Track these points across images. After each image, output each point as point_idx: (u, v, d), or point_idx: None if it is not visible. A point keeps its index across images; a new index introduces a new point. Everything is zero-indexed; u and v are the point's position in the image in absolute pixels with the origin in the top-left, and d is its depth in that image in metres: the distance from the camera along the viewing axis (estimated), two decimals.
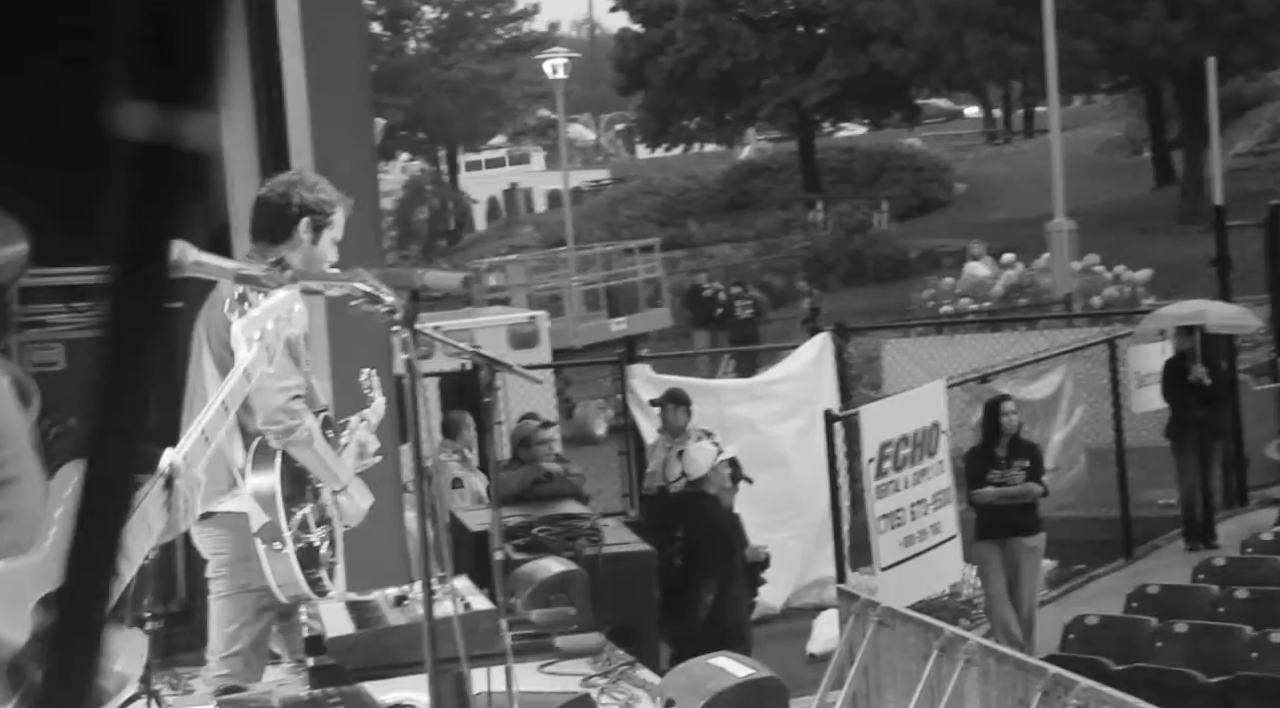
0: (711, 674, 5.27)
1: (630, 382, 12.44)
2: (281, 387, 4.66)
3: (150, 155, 0.71)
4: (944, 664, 6.85)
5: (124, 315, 0.73)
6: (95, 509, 0.74)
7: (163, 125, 0.71)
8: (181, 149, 0.72)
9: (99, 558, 0.74)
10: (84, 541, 0.74)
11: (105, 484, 0.74)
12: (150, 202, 0.72)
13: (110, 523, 0.75)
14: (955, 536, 10.51)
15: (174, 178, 0.72)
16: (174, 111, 0.72)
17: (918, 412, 10.45)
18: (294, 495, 4.76)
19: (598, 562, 8.17)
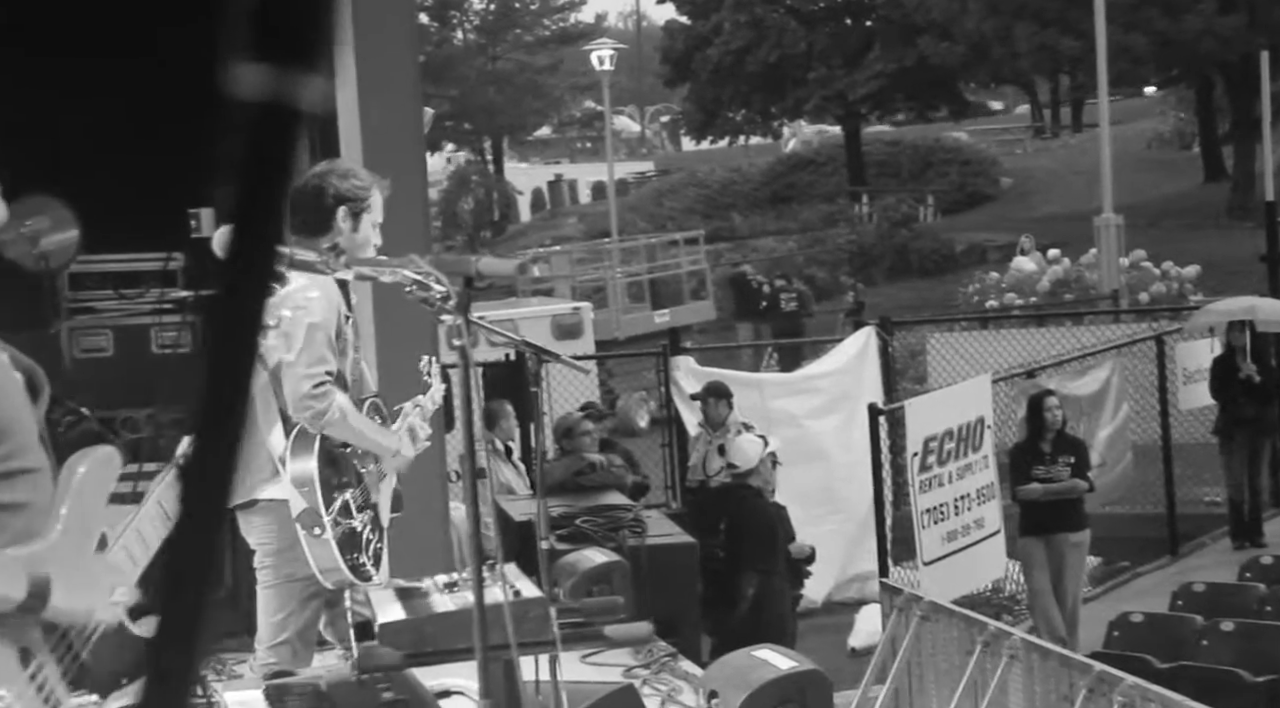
0: (755, 666, 5.26)
1: (673, 373, 12.44)
2: (306, 373, 4.68)
3: (265, 116, 0.72)
4: (988, 660, 6.82)
5: (238, 273, 0.74)
6: (200, 492, 0.74)
7: (277, 86, 0.72)
8: (295, 110, 0.72)
9: (203, 545, 0.75)
10: (188, 527, 0.74)
11: (212, 464, 0.74)
12: (264, 162, 0.73)
13: (213, 508, 0.75)
14: (999, 531, 10.46)
15: (288, 138, 0.73)
16: (288, 73, 0.72)
17: (962, 406, 10.41)
18: (334, 480, 4.77)
19: (640, 553, 8.17)
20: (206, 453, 0.73)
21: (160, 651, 0.77)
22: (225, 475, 0.74)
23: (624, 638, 3.54)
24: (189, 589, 0.76)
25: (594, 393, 14.20)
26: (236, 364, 0.74)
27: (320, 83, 0.73)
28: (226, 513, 0.79)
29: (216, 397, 0.74)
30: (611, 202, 35.26)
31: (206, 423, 0.74)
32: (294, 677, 4.02)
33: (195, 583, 0.76)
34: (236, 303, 0.74)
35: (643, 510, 9.11)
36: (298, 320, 4.72)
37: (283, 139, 0.72)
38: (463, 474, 9.70)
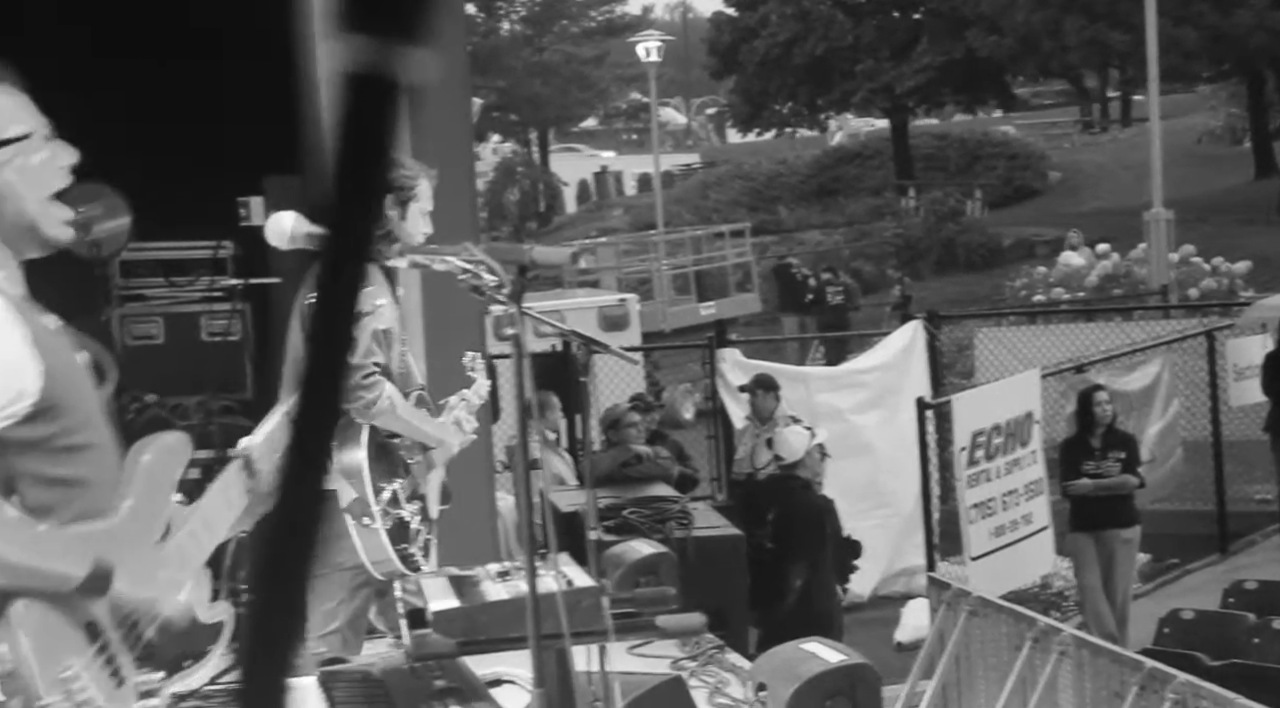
0: (803, 659, 5.24)
1: (720, 366, 12.42)
2: (355, 363, 4.70)
3: (363, 89, 0.71)
4: (1037, 656, 6.78)
5: (338, 245, 0.72)
6: (298, 475, 0.73)
7: (376, 58, 0.71)
8: (395, 82, 0.71)
9: (300, 529, 0.74)
10: (284, 514, 0.73)
11: (311, 442, 0.73)
12: (363, 136, 0.72)
13: (310, 498, 0.74)
14: (1047, 526, 10.40)
15: (386, 112, 0.71)
16: (388, 44, 0.71)
17: (1011, 401, 10.35)
18: (383, 471, 4.78)
19: (687, 545, 8.16)
20: (305, 431, 0.72)
21: (260, 629, 0.76)
22: (323, 453, 0.73)
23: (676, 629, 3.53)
24: (288, 568, 0.74)
25: (640, 385, 14.20)
26: (334, 337, 0.73)
27: (421, 54, 0.72)
28: (324, 493, 0.78)
29: (316, 374, 0.72)
30: (658, 194, 35.24)
31: (305, 404, 0.72)
32: (346, 664, 4.03)
33: (295, 562, 0.74)
34: (334, 277, 0.73)
35: (689, 502, 9.11)
36: (364, 326, 4.75)
37: (381, 112, 0.71)
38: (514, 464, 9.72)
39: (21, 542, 2.49)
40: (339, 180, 0.71)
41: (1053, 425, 11.52)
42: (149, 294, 9.05)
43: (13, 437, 2.53)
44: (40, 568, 2.49)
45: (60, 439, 2.58)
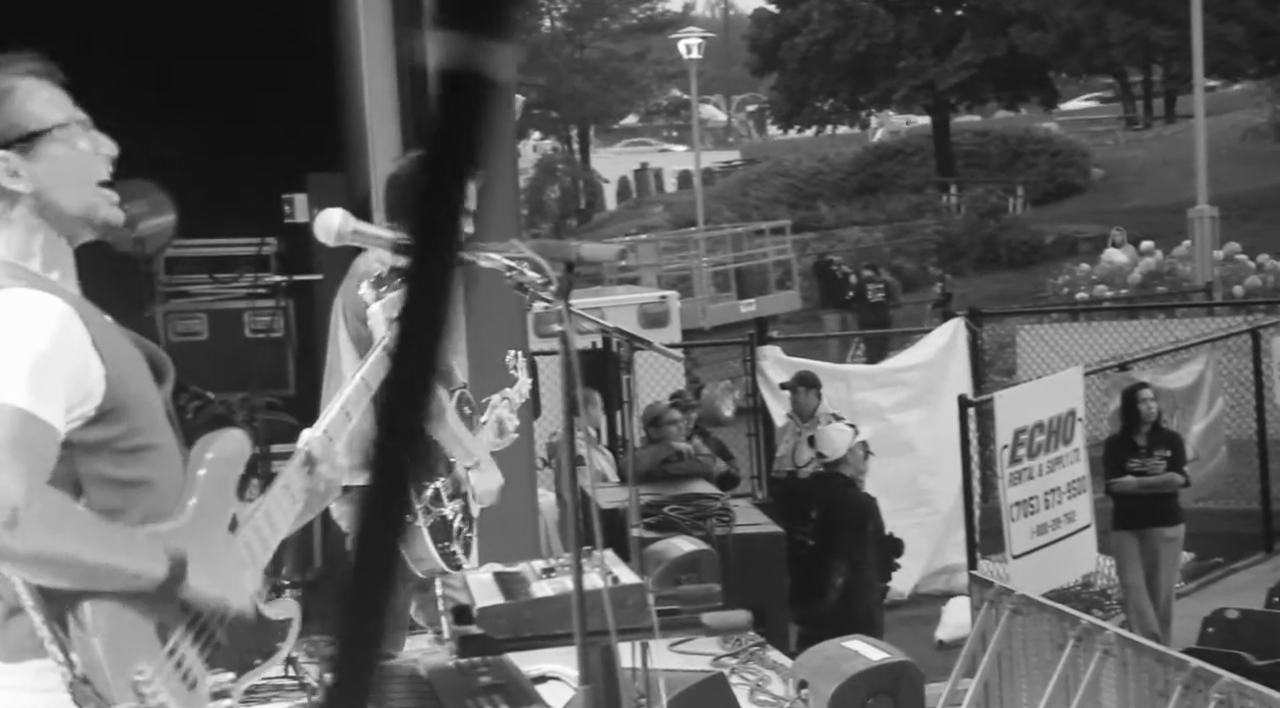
0: (846, 657, 5.24)
1: (760, 363, 12.41)
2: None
3: (456, 84, 0.72)
4: (1080, 655, 6.75)
5: (428, 240, 0.73)
6: (388, 469, 0.74)
7: (469, 54, 0.72)
8: (486, 78, 0.72)
9: (390, 520, 0.74)
10: (374, 506, 0.74)
11: (397, 443, 0.73)
12: (455, 130, 0.73)
13: (399, 489, 0.75)
14: (1090, 525, 10.35)
15: (479, 107, 0.72)
16: (480, 41, 0.72)
17: (1054, 399, 10.30)
18: (429, 470, 4.80)
19: (728, 542, 8.17)
20: (394, 423, 0.73)
21: (348, 628, 0.76)
22: (412, 450, 0.73)
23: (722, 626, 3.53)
24: (377, 564, 0.75)
25: (680, 382, 14.20)
26: (426, 329, 0.73)
27: (510, 50, 0.73)
28: (411, 493, 0.79)
29: (406, 366, 0.73)
30: (698, 191, 35.21)
31: (394, 395, 0.73)
32: (392, 660, 4.05)
33: (383, 559, 0.75)
34: (425, 269, 0.73)
35: (730, 500, 9.11)
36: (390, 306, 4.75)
37: (473, 107, 0.72)
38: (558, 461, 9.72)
39: (98, 540, 2.48)
40: (431, 174, 0.72)
41: (1095, 423, 11.46)
42: (193, 291, 9.09)
43: (79, 439, 2.53)
44: (118, 566, 2.47)
45: (125, 441, 2.58)
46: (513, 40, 0.72)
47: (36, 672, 2.53)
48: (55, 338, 2.51)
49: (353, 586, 0.75)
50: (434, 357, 0.76)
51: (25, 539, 2.38)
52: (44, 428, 2.45)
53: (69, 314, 2.55)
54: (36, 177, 2.68)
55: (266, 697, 6.67)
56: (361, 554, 0.75)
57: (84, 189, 2.76)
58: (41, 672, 2.53)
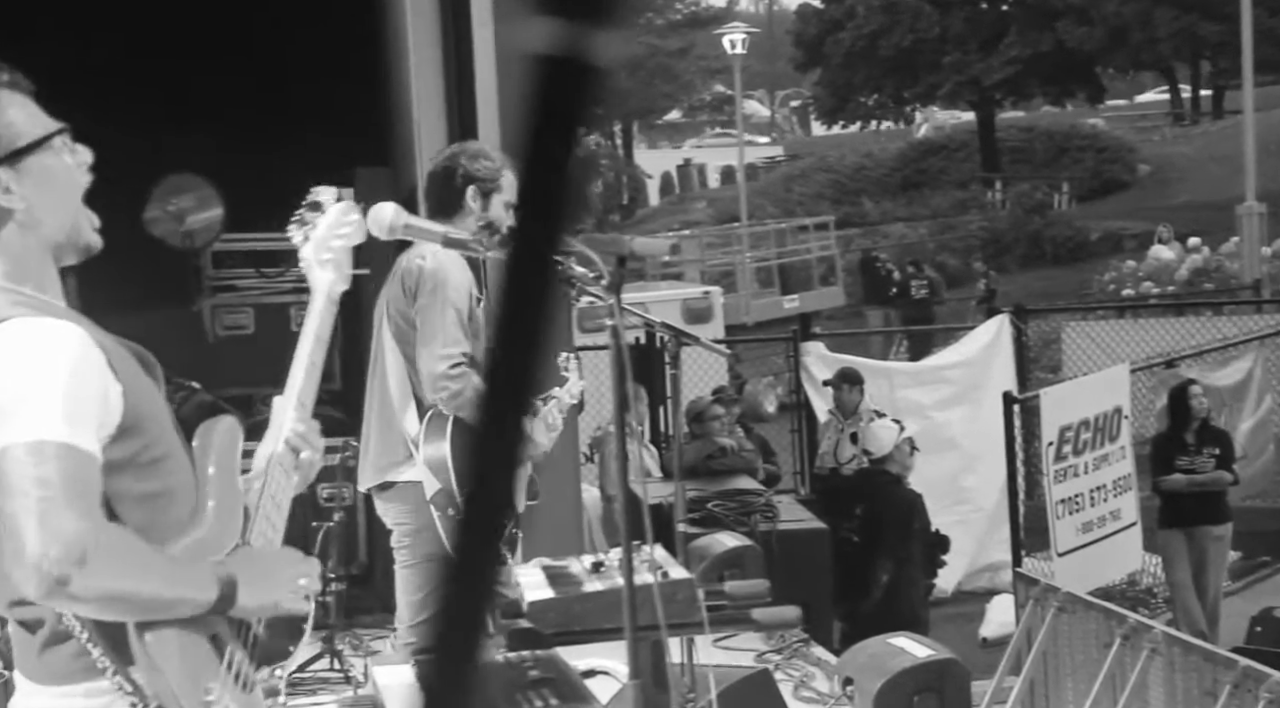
0: (891, 654, 5.23)
1: (804, 359, 12.38)
2: (442, 353, 4.70)
3: (557, 70, 0.72)
4: (1127, 653, 6.70)
5: (529, 230, 0.73)
6: (489, 472, 0.74)
7: (571, 40, 0.71)
8: (588, 64, 0.72)
9: (493, 520, 0.74)
10: (476, 504, 0.74)
11: (498, 448, 0.73)
12: (556, 116, 0.72)
13: (503, 487, 0.74)
14: (1136, 523, 10.28)
15: (580, 93, 0.72)
16: (582, 27, 0.72)
17: (1100, 396, 10.24)
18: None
19: (772, 538, 8.16)
20: (498, 417, 0.73)
21: (451, 612, 0.76)
22: (515, 444, 0.73)
23: (772, 622, 3.53)
24: (478, 550, 0.75)
25: (722, 378, 14.18)
26: (527, 316, 0.73)
27: (614, 35, 0.72)
28: (513, 487, 0.79)
29: (509, 351, 0.73)
30: (741, 186, 35.15)
31: (498, 383, 0.73)
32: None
33: (483, 543, 0.75)
34: (526, 254, 0.73)
35: (773, 495, 9.10)
36: (434, 299, 4.74)
37: (575, 94, 0.72)
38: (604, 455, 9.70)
39: (156, 573, 2.48)
40: (532, 163, 0.72)
41: (1142, 421, 11.38)
42: (240, 285, 9.14)
43: (105, 459, 2.52)
44: (174, 598, 2.47)
45: (145, 454, 2.57)
46: (617, 25, 0.72)
47: (86, 693, 2.54)
48: (77, 365, 2.48)
49: (450, 599, 0.75)
50: (535, 360, 0.75)
51: (95, 579, 2.37)
52: (87, 458, 2.44)
53: (85, 339, 2.52)
54: (27, 194, 2.62)
55: (312, 688, 6.71)
56: (460, 567, 0.75)
57: (71, 206, 2.71)
58: (91, 693, 2.53)
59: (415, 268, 4.83)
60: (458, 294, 4.77)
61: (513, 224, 0.76)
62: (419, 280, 4.80)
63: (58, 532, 2.35)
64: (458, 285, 4.78)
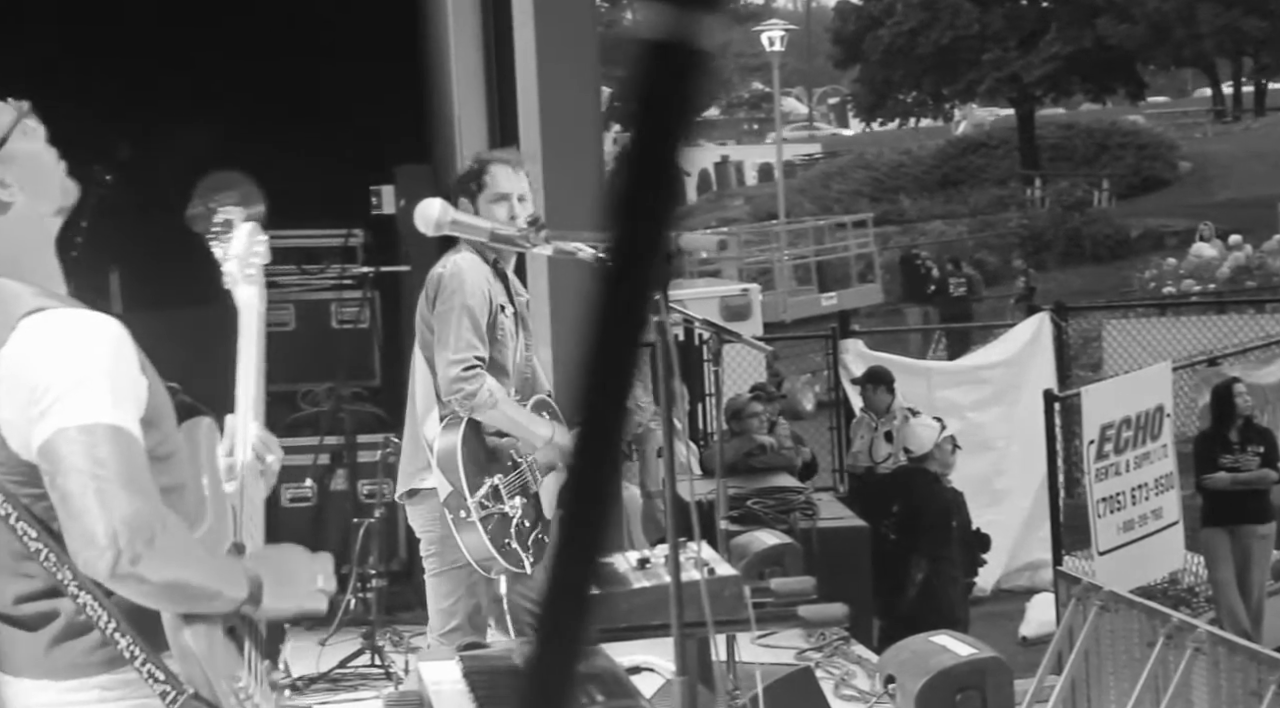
0: (933, 652, 5.21)
1: (843, 357, 12.35)
2: (453, 358, 4.71)
3: (664, 56, 0.71)
4: (1170, 652, 6.67)
5: (632, 215, 0.73)
6: (590, 474, 0.73)
7: (677, 25, 0.71)
8: (695, 49, 0.72)
9: (593, 530, 0.74)
10: (576, 511, 0.73)
11: (598, 452, 0.73)
12: (663, 101, 0.72)
13: (605, 494, 0.74)
14: (1177, 521, 10.23)
15: (687, 78, 0.72)
16: (688, 12, 0.72)
17: (1141, 394, 10.19)
18: (485, 464, 4.75)
19: (811, 535, 8.15)
20: (596, 417, 0.72)
21: (554, 622, 0.76)
22: (614, 447, 0.73)
23: (819, 619, 3.52)
24: (581, 557, 0.75)
25: (761, 375, 14.17)
26: (629, 310, 0.73)
27: (718, 19, 0.72)
28: (615, 492, 0.78)
29: (606, 350, 0.72)
30: (780, 183, 35.10)
31: (595, 381, 0.73)
32: (487, 649, 4.06)
33: (587, 550, 0.75)
34: (631, 245, 0.73)
35: (813, 493, 9.08)
36: (450, 304, 4.75)
37: (682, 79, 0.72)
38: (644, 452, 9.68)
39: (205, 565, 2.51)
40: (636, 149, 0.72)
41: (1184, 419, 11.32)
42: (281, 281, 9.16)
43: None
44: (216, 591, 2.50)
45: (161, 447, 2.60)
46: (722, 9, 0.72)
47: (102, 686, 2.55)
48: (119, 354, 2.53)
49: (549, 619, 0.75)
50: (633, 354, 0.75)
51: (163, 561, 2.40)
52: (135, 441, 2.48)
53: (122, 332, 2.56)
54: (18, 182, 2.65)
55: (354, 684, 6.74)
56: (559, 580, 0.75)
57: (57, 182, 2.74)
58: (108, 686, 2.55)
59: (435, 276, 4.88)
60: (474, 300, 4.78)
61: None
62: (438, 287, 4.84)
63: (122, 512, 2.37)
64: (473, 291, 4.79)
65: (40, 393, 2.45)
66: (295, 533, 8.82)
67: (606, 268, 0.75)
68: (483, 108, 7.84)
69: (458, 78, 7.90)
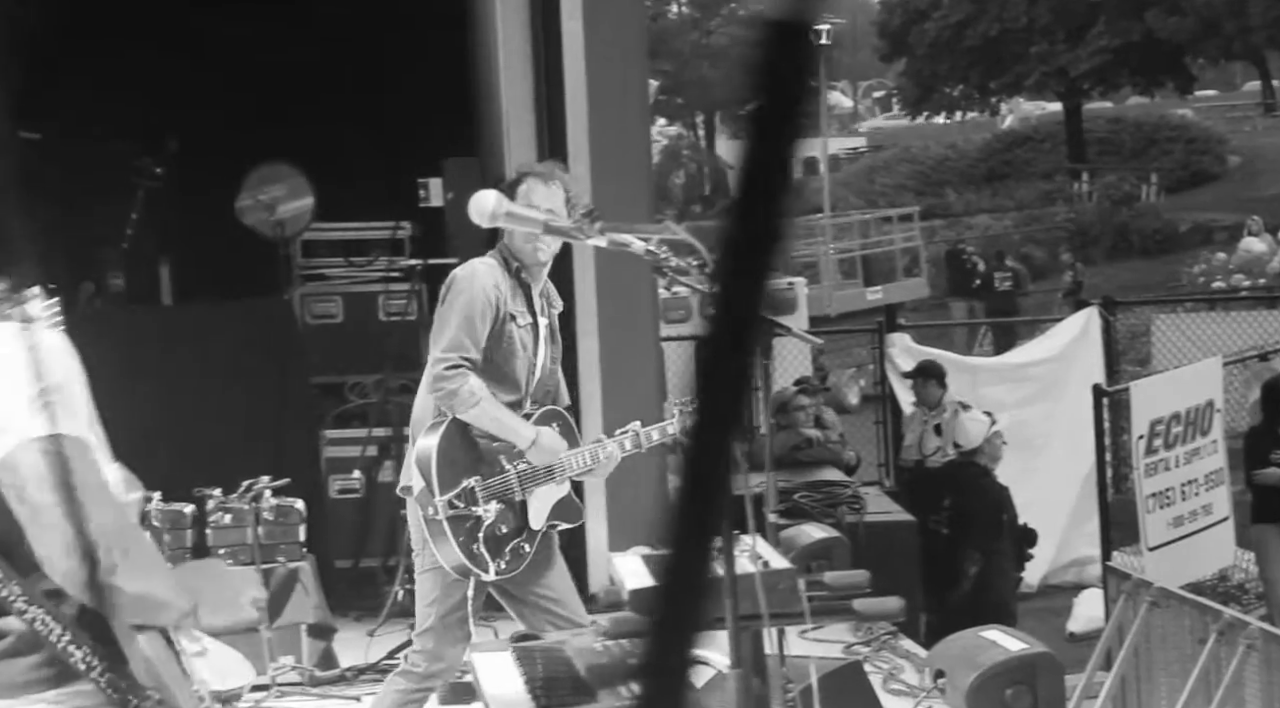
0: (983, 647, 5.18)
1: (889, 351, 12.31)
2: (440, 356, 4.72)
3: (781, 36, 0.71)
4: (1222, 649, 6.61)
5: (751, 195, 0.72)
6: (707, 465, 0.73)
7: (798, 5, 0.71)
8: (811, 28, 0.71)
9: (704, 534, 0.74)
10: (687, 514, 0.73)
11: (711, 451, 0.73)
12: (781, 80, 0.72)
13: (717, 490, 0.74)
14: (1228, 517, 10.15)
15: (804, 57, 0.71)
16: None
17: (1191, 389, 10.11)
18: (467, 465, 4.75)
19: (859, 530, 8.12)
20: (710, 411, 0.72)
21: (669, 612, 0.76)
22: (726, 446, 0.72)
23: (874, 613, 3.50)
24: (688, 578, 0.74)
25: (805, 368, 14.14)
26: (747, 293, 0.72)
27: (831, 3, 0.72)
28: (729, 483, 0.77)
29: (723, 336, 0.72)
30: (825, 177, 35.00)
31: (708, 373, 0.72)
32: (540, 640, 4.06)
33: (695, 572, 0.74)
34: (750, 226, 0.72)
35: (860, 487, 9.05)
36: (451, 303, 4.76)
37: (799, 57, 0.71)
38: None
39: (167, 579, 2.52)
40: (753, 128, 0.71)
41: (1234, 415, 11.24)
42: (329, 274, 9.21)
43: None
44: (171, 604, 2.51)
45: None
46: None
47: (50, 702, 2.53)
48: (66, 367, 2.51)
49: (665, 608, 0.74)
50: (750, 341, 0.74)
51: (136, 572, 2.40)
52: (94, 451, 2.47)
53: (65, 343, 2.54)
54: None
55: None
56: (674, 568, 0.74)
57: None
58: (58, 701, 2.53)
59: (450, 276, 4.89)
60: (476, 303, 4.77)
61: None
62: (447, 286, 4.85)
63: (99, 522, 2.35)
64: (477, 295, 4.77)
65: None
66: (344, 524, 8.87)
67: (731, 245, 0.74)
68: (530, 101, 7.85)
69: (506, 71, 7.91)
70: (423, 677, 4.88)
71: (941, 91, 41.92)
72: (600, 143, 7.69)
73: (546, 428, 4.90)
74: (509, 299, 4.82)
